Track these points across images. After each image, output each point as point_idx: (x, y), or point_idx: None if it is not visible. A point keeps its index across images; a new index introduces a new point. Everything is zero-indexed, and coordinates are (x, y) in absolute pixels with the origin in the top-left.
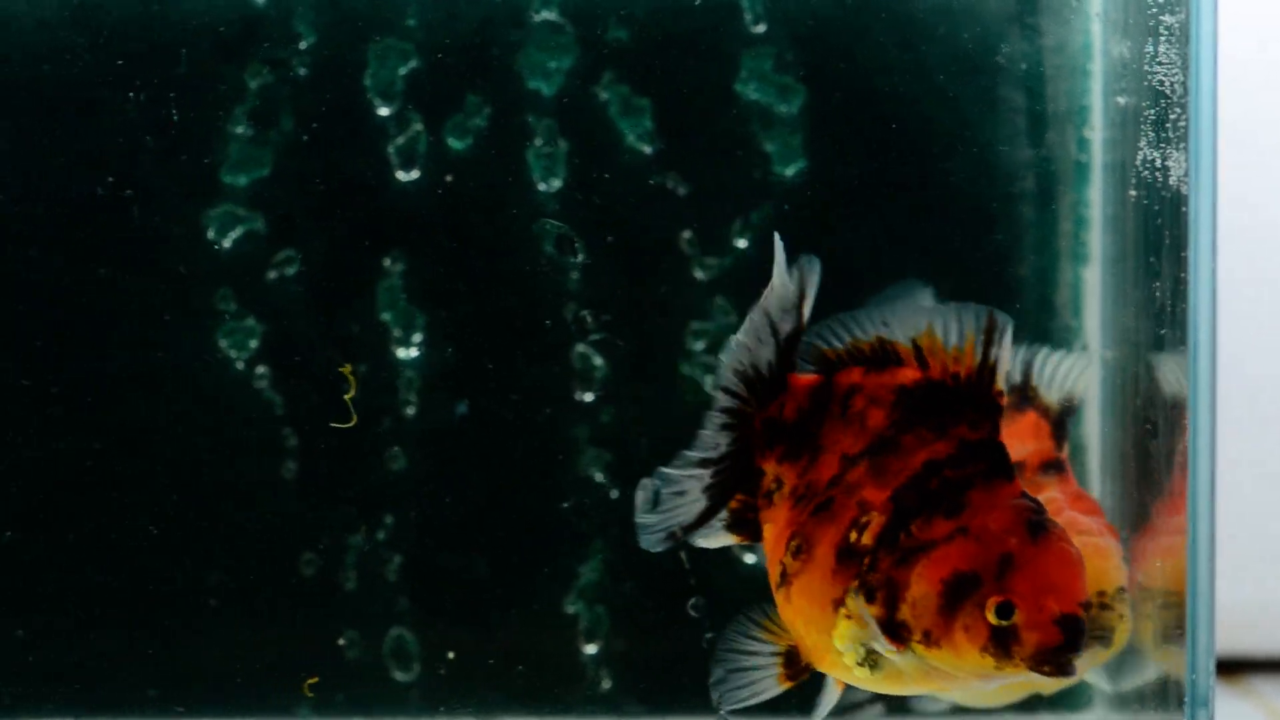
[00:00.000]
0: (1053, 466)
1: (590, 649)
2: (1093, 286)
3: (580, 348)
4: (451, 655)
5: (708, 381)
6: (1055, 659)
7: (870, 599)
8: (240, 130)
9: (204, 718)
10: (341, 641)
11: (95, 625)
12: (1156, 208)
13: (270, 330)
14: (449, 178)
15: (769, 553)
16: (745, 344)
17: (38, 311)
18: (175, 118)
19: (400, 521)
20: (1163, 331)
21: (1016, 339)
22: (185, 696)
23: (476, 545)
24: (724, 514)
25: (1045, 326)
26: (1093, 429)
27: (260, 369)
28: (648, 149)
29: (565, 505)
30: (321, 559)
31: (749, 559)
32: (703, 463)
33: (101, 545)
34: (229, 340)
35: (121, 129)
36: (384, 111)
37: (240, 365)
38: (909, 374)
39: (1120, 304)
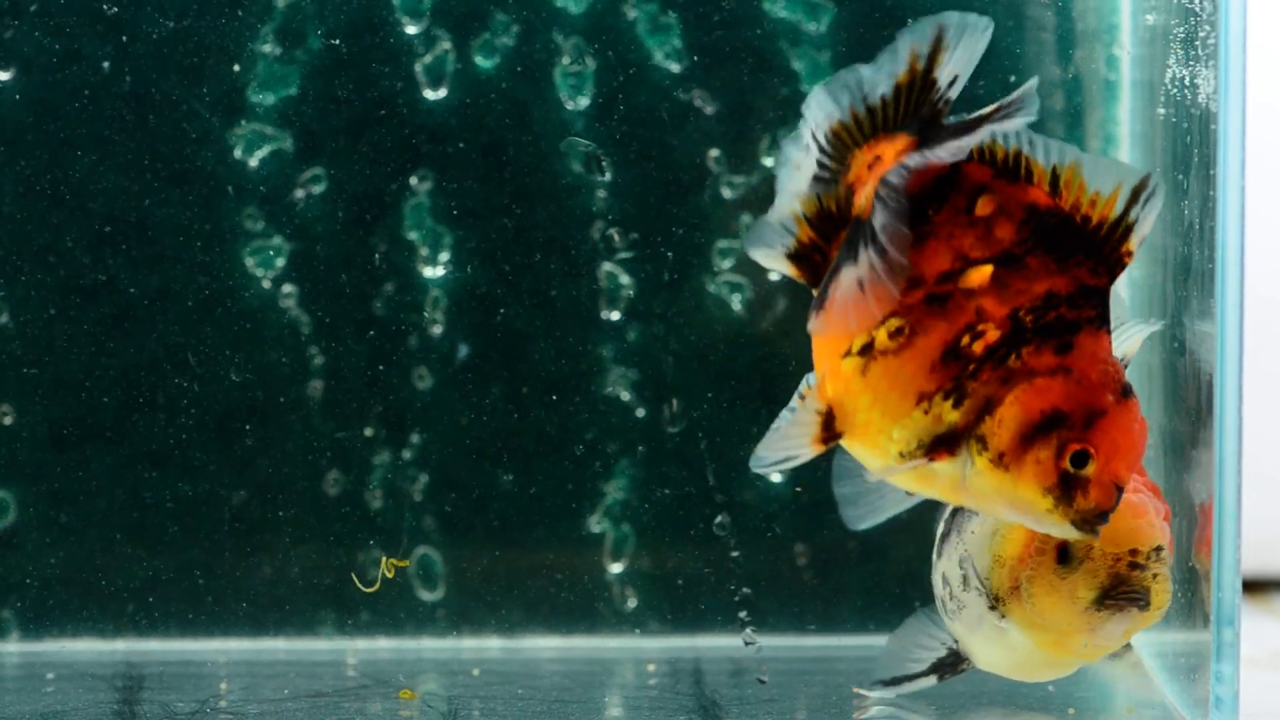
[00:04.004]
0: None
1: (616, 568)
2: None
3: (608, 266)
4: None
5: (734, 300)
6: (1097, 521)
7: (958, 405)
8: (268, 48)
9: (230, 637)
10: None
11: (123, 546)
12: (1185, 126)
13: (297, 249)
14: (476, 96)
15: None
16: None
17: (68, 227)
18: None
19: (427, 440)
20: (1191, 250)
21: None
22: (213, 615)
23: (503, 465)
24: (789, 239)
25: None
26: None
27: (287, 288)
28: (676, 67)
29: (591, 424)
30: (348, 478)
31: (775, 478)
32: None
33: (131, 464)
34: (256, 259)
35: (150, 46)
36: (411, 30)
37: (267, 284)
38: (1041, 196)
39: None
